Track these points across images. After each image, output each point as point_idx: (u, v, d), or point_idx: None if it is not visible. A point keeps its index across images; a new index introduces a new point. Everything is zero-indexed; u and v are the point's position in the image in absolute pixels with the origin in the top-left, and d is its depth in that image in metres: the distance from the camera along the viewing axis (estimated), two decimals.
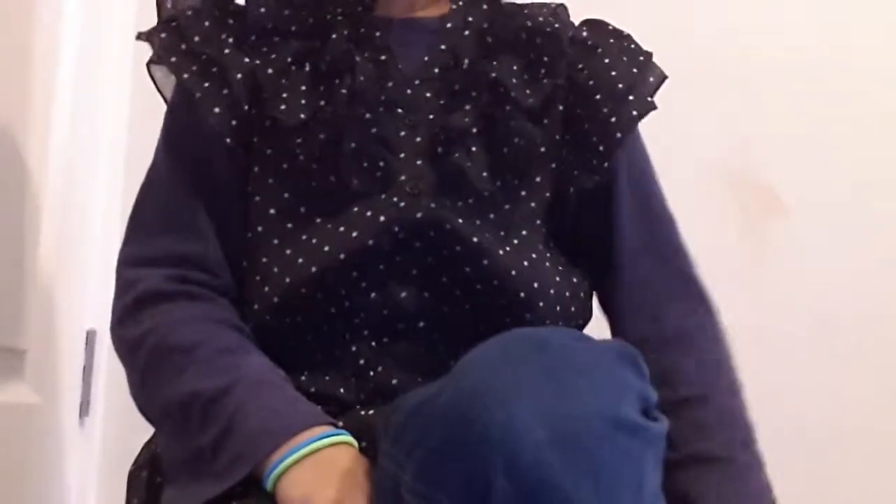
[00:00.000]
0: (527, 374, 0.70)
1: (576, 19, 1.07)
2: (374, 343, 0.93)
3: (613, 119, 0.99)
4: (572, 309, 0.98)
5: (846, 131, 1.74)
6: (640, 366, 0.76)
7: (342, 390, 0.92)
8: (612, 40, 1.04)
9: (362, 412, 0.91)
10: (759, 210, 1.73)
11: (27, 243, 1.35)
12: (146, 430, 1.00)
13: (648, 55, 1.04)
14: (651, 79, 1.02)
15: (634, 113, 0.99)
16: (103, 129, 1.62)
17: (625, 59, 1.02)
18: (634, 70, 1.01)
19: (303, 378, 0.93)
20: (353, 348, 0.93)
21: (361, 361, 0.93)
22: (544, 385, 0.69)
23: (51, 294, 1.41)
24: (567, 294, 0.98)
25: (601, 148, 0.99)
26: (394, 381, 0.92)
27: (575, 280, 1.00)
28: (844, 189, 1.73)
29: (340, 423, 0.88)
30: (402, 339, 0.93)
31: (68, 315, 1.52)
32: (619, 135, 0.99)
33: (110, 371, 1.62)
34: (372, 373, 0.93)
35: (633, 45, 1.04)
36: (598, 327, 1.02)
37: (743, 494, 0.94)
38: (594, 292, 1.05)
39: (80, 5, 1.49)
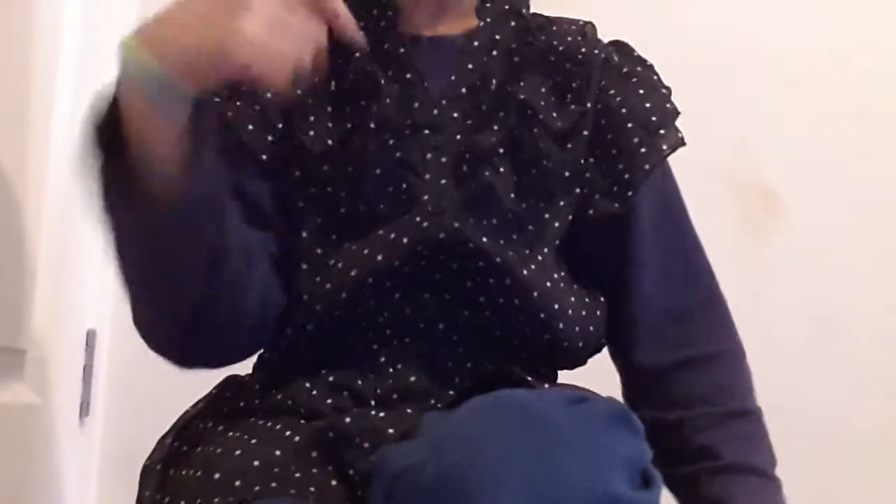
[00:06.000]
0: (514, 452, 0.69)
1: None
2: (395, 342, 0.94)
3: (643, 150, 0.99)
4: (591, 328, 0.98)
5: (846, 131, 1.74)
6: (634, 424, 0.76)
7: (359, 382, 0.93)
8: (639, 68, 1.04)
9: (373, 412, 0.91)
10: (759, 210, 1.73)
11: (27, 243, 1.35)
12: (146, 430, 1.01)
13: (669, 90, 1.04)
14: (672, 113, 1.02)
15: (665, 147, 0.99)
16: None
17: (654, 90, 1.02)
18: (666, 104, 1.01)
19: (323, 371, 0.93)
20: (374, 346, 0.94)
21: (381, 359, 0.94)
22: (532, 464, 0.69)
23: (51, 294, 1.41)
24: (584, 314, 0.98)
25: (626, 176, 0.99)
26: (411, 379, 0.92)
27: (588, 300, 0.99)
28: (844, 189, 1.73)
29: (348, 419, 0.88)
30: (422, 339, 0.94)
31: (68, 315, 1.52)
32: (647, 166, 0.99)
33: (110, 371, 1.63)
34: (391, 369, 0.93)
35: (656, 77, 1.05)
36: None
37: None
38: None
39: (80, 5, 1.49)
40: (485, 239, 0.92)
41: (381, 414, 0.90)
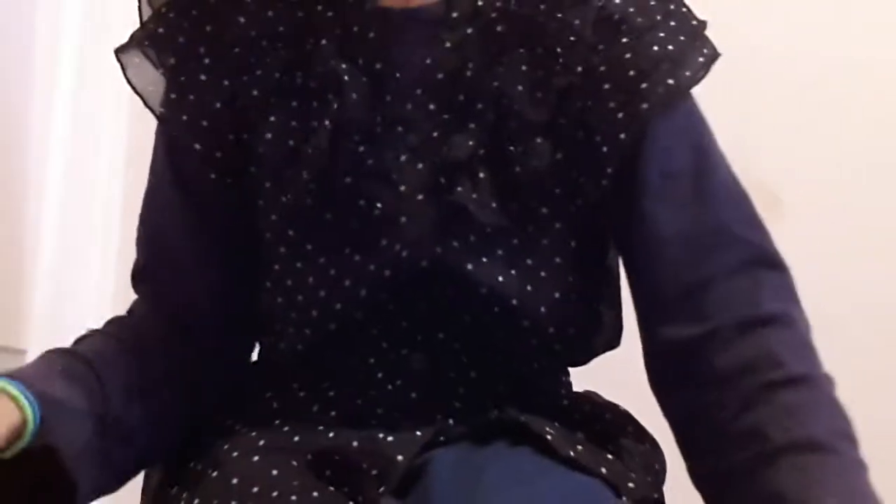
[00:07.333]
0: None
1: None
2: (392, 355, 0.88)
3: (620, 115, 0.84)
4: (598, 339, 0.92)
5: (847, 131, 1.73)
6: None
7: (359, 402, 0.88)
8: (651, 5, 0.87)
9: (380, 435, 0.85)
10: (759, 210, 1.72)
11: (27, 243, 1.35)
12: None
13: (696, 28, 0.89)
14: (690, 59, 0.86)
15: (644, 106, 0.84)
16: (103, 128, 1.62)
17: (658, 36, 0.86)
18: (669, 46, 0.85)
19: (323, 385, 0.89)
20: (371, 360, 0.88)
21: (379, 375, 0.88)
22: None
23: (51, 294, 1.41)
24: (595, 326, 0.92)
25: (605, 149, 0.85)
26: (412, 396, 0.88)
27: (600, 308, 0.92)
28: (844, 189, 1.73)
29: (355, 443, 0.84)
30: (420, 350, 0.88)
31: (68, 315, 1.52)
32: (622, 136, 0.84)
33: None
34: (390, 386, 0.88)
35: (677, 16, 0.88)
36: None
37: (853, 494, 0.82)
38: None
39: (80, 5, 1.49)
40: (469, 265, 0.85)
41: (390, 438, 0.84)
